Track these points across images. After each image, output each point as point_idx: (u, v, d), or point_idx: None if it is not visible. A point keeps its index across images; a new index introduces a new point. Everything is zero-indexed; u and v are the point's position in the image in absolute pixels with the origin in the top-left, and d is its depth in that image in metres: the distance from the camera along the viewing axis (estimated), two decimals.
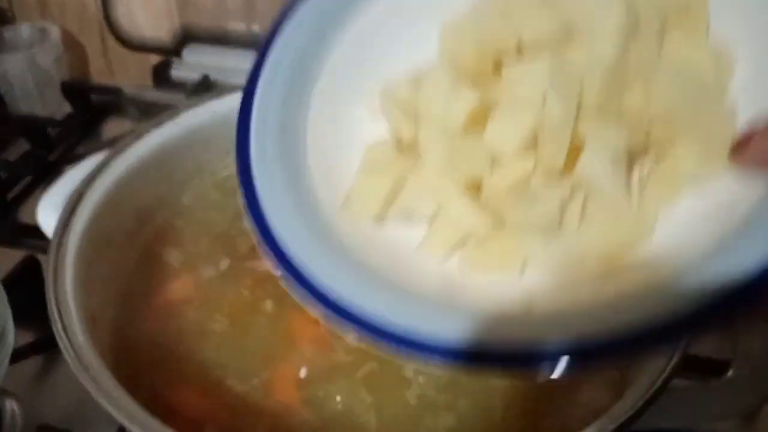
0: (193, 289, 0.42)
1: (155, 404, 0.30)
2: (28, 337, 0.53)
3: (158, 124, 0.44)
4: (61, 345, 0.30)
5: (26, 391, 0.53)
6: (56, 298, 0.33)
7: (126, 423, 0.27)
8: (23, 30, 0.90)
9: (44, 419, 0.47)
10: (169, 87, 0.81)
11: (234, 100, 0.47)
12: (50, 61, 0.88)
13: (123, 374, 0.32)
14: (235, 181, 0.48)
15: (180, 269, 0.43)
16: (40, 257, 0.58)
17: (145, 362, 0.37)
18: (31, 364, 0.54)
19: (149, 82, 0.86)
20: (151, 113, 0.72)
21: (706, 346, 0.43)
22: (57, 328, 0.31)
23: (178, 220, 0.45)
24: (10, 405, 0.52)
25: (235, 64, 0.80)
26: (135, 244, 0.43)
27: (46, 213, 0.41)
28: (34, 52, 0.86)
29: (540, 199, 0.28)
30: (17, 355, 0.48)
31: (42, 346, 0.52)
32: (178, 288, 0.42)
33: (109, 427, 0.47)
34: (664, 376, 0.30)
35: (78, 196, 0.38)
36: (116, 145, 0.42)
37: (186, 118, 0.46)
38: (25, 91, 0.88)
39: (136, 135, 0.43)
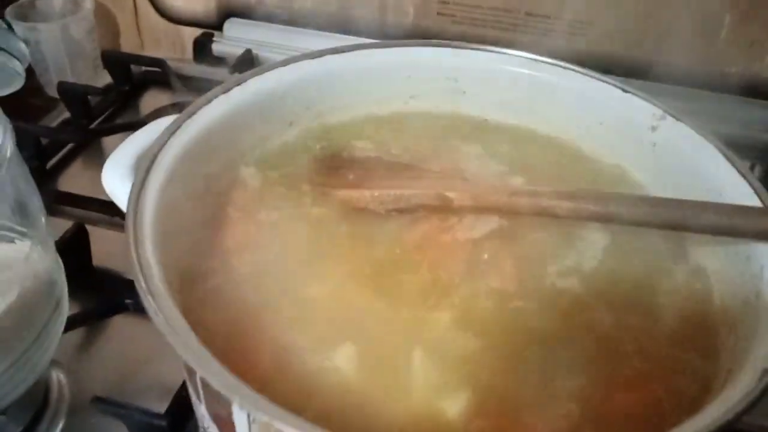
0: (257, 245, 0.41)
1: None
2: (74, 307, 0.52)
3: (226, 90, 0.43)
4: (150, 311, 0.29)
5: (73, 362, 0.52)
6: (140, 263, 0.31)
7: (224, 391, 0.26)
8: (56, 0, 0.88)
9: (91, 391, 0.46)
10: (210, 61, 0.80)
11: (301, 68, 0.46)
12: (83, 32, 0.87)
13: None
14: (297, 153, 0.48)
15: (243, 228, 0.42)
16: (89, 228, 0.57)
17: (212, 330, 0.36)
18: (77, 334, 0.53)
19: (181, 55, 0.85)
20: (192, 87, 0.71)
21: None
22: (144, 293, 0.30)
23: (242, 184, 0.44)
24: (57, 375, 0.51)
25: (275, 39, 0.79)
26: (201, 209, 0.42)
27: (113, 176, 0.40)
28: (67, 22, 0.85)
29: None
30: (67, 326, 0.47)
31: (94, 315, 0.51)
32: (242, 243, 0.41)
33: (158, 399, 0.46)
34: None
35: (152, 158, 0.37)
36: (186, 108, 0.41)
37: (252, 85, 0.45)
38: (57, 63, 0.87)
39: (206, 99, 0.42)
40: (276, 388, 0.34)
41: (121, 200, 0.40)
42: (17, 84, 0.46)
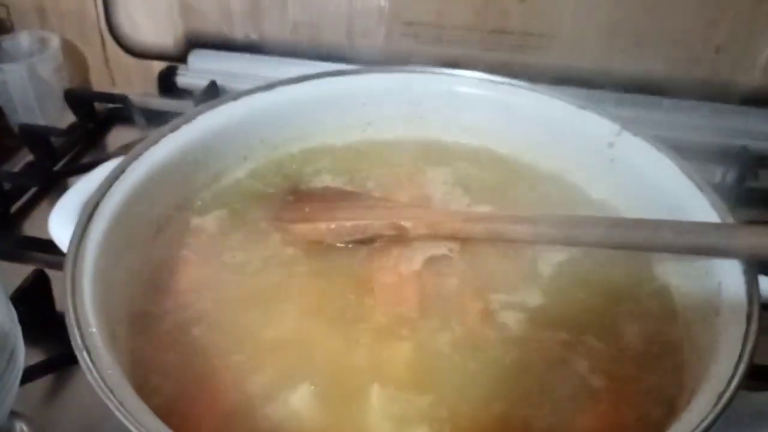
0: (211, 285, 0.40)
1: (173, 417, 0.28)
2: (37, 355, 0.51)
3: (174, 128, 0.43)
4: (83, 365, 0.28)
5: (37, 412, 0.50)
6: (75, 313, 0.30)
7: None
8: (23, 39, 0.88)
9: None
10: (175, 94, 0.79)
11: (252, 102, 0.46)
12: (51, 71, 0.86)
13: (142, 389, 0.30)
14: (252, 189, 0.48)
15: (194, 268, 0.41)
16: (48, 272, 0.56)
17: (162, 373, 0.35)
18: (41, 382, 0.52)
19: (152, 90, 0.84)
20: (157, 121, 0.70)
21: None
22: (78, 346, 0.29)
23: (195, 224, 0.43)
24: (20, 426, 0.49)
25: (241, 69, 0.78)
26: (151, 253, 0.41)
27: (59, 223, 0.39)
28: (34, 61, 0.84)
29: None
30: (28, 375, 0.46)
31: (54, 365, 0.50)
32: (195, 284, 0.40)
33: None
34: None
35: (94, 205, 0.36)
36: (132, 150, 0.40)
37: (202, 121, 0.44)
38: (25, 102, 0.86)
39: (152, 140, 0.41)
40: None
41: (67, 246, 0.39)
42: None
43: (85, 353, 0.29)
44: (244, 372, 0.35)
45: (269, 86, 0.47)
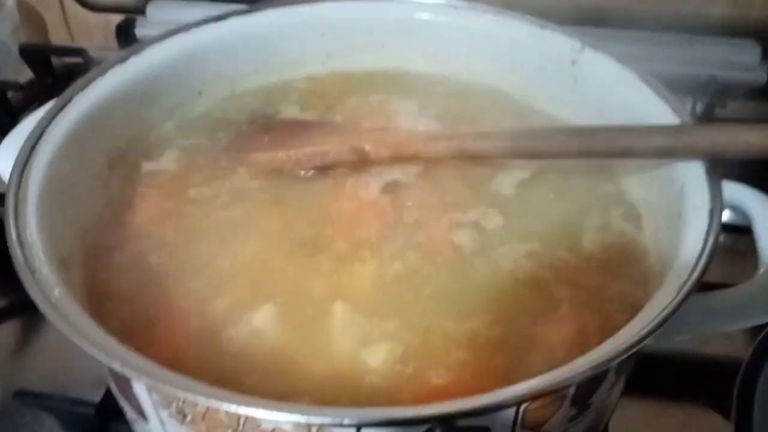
0: (167, 216, 0.39)
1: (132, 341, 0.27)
2: (2, 303, 0.50)
3: (122, 60, 0.41)
4: (29, 290, 0.27)
5: (2, 361, 0.49)
6: (18, 236, 0.29)
7: (118, 367, 0.24)
8: None
9: (24, 387, 0.44)
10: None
11: (203, 33, 0.44)
12: (7, 32, 0.83)
13: (97, 316, 0.29)
14: (209, 123, 0.46)
15: (151, 199, 0.40)
16: None
17: (119, 300, 0.34)
18: (9, 331, 0.51)
19: (112, 44, 0.82)
20: None
21: None
22: (23, 270, 0.28)
23: (150, 159, 0.42)
24: None
25: (201, 17, 0.76)
26: (106, 186, 0.40)
27: (5, 158, 0.38)
28: None
29: None
30: None
31: (15, 310, 0.49)
32: (152, 216, 0.39)
33: (92, 391, 0.44)
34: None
35: (38, 135, 0.35)
36: (78, 81, 0.39)
37: (151, 53, 0.43)
38: None
39: (100, 71, 0.40)
40: (194, 355, 0.32)
41: None
42: None
43: (27, 273, 0.28)
44: (205, 296, 0.35)
45: (221, 17, 0.45)
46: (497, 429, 0.27)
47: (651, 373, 0.37)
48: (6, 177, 0.38)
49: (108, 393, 0.44)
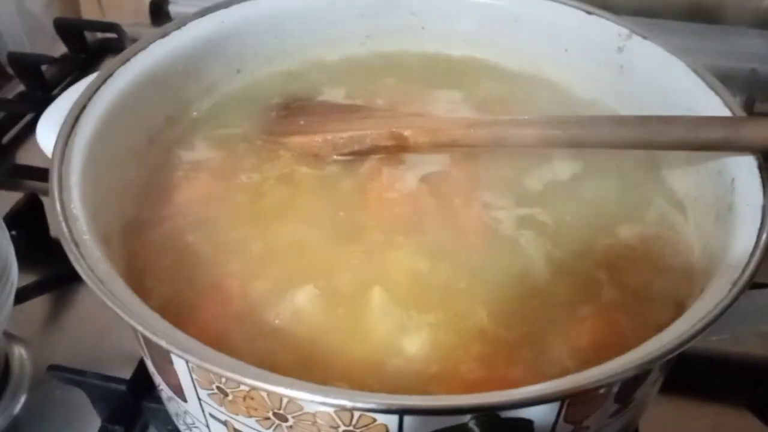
0: (207, 197, 0.39)
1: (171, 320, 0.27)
2: (31, 278, 0.50)
3: (163, 34, 0.41)
4: (74, 262, 0.27)
5: (35, 335, 0.50)
6: (63, 208, 0.29)
7: (164, 345, 0.24)
8: None
9: (54, 362, 0.44)
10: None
11: (244, 11, 0.44)
12: (40, 6, 0.83)
13: (137, 293, 0.29)
14: (246, 103, 0.46)
15: (191, 178, 0.40)
16: (43, 199, 0.55)
17: (158, 277, 0.34)
18: (39, 307, 0.51)
19: (144, 21, 0.82)
20: None
21: None
22: (67, 243, 0.28)
23: (189, 136, 0.42)
24: (18, 350, 0.49)
25: None
26: (144, 163, 0.39)
27: (47, 130, 0.38)
28: None
29: None
30: (22, 296, 0.45)
31: (48, 285, 0.49)
32: (192, 196, 0.39)
33: (122, 367, 0.44)
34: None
35: (81, 107, 0.35)
36: (120, 55, 0.38)
37: (192, 28, 0.42)
38: (14, 38, 0.84)
39: (141, 45, 0.40)
40: (232, 336, 0.32)
41: None
42: None
43: (72, 245, 0.28)
44: (246, 277, 0.34)
45: None
46: (540, 422, 0.26)
47: (683, 371, 0.37)
48: (46, 149, 0.38)
49: (138, 370, 0.44)
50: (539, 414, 0.26)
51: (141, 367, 0.44)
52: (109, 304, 0.26)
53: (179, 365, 0.28)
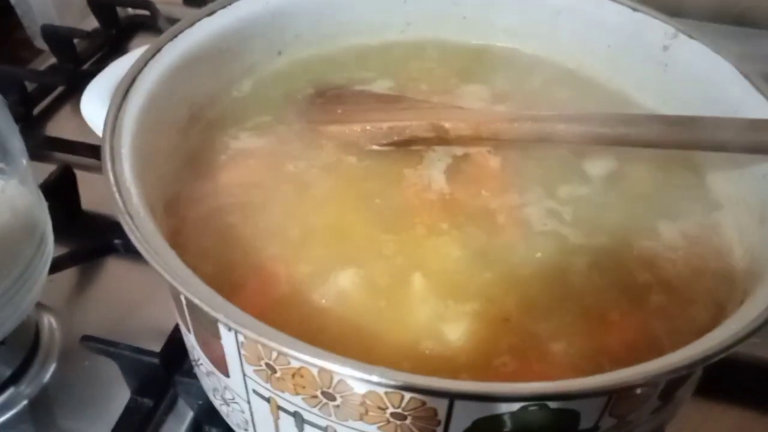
0: (247, 179, 0.39)
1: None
2: (62, 249, 0.50)
3: (210, 12, 0.41)
4: (129, 233, 0.27)
5: (64, 306, 0.50)
6: (116, 180, 0.29)
7: (223, 319, 0.24)
8: None
9: (83, 334, 0.45)
10: (200, 3, 0.76)
11: None
12: None
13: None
14: (285, 85, 0.46)
15: (233, 159, 0.40)
16: (77, 172, 0.55)
17: (199, 255, 0.34)
18: (67, 278, 0.52)
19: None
20: None
21: None
22: (122, 215, 0.28)
23: (230, 116, 0.42)
24: (48, 319, 0.49)
25: None
26: (186, 140, 0.40)
27: (92, 103, 0.38)
28: None
29: None
30: (55, 266, 0.46)
31: (81, 256, 0.50)
32: (232, 177, 0.39)
33: (151, 341, 0.44)
34: None
35: (131, 80, 0.35)
36: (168, 30, 0.38)
37: (238, 8, 0.42)
38: (43, 12, 0.84)
39: (188, 21, 0.40)
40: (275, 315, 0.32)
41: (100, 128, 0.38)
42: None
43: (127, 217, 0.28)
44: (289, 260, 0.34)
45: None
46: (586, 414, 0.27)
47: (711, 373, 0.37)
48: (91, 121, 0.38)
49: (168, 344, 0.45)
50: (587, 406, 0.26)
51: (170, 341, 0.45)
52: (167, 277, 0.26)
53: (228, 340, 0.28)
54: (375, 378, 0.23)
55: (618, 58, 0.45)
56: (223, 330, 0.28)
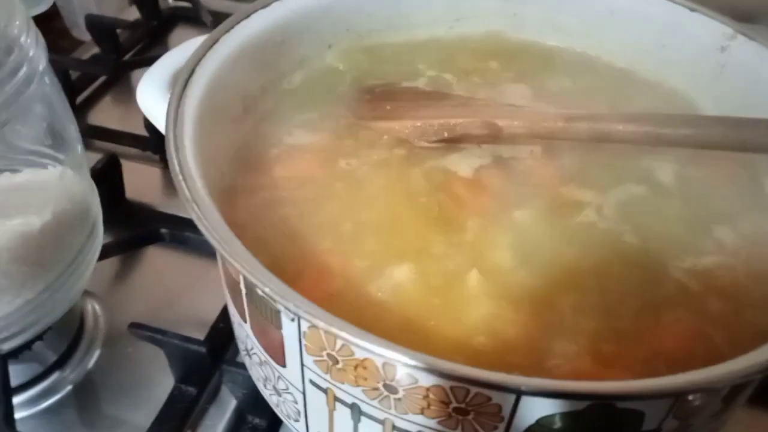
0: (299, 173, 0.39)
1: None
2: (108, 238, 0.51)
3: (265, 4, 0.41)
4: (198, 221, 0.27)
5: (108, 293, 0.51)
6: (182, 171, 0.30)
7: (293, 308, 0.25)
8: None
9: (127, 322, 0.45)
10: None
11: None
12: None
13: None
14: (335, 79, 0.46)
15: (286, 153, 0.40)
16: (122, 160, 0.56)
17: (255, 246, 0.34)
18: (111, 266, 0.52)
19: None
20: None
21: None
22: (190, 203, 0.28)
23: (282, 109, 0.42)
24: (93, 305, 0.50)
25: None
26: (240, 131, 0.40)
27: (147, 92, 0.38)
28: None
29: None
30: (103, 252, 0.46)
31: (129, 244, 0.50)
32: (284, 170, 0.39)
33: (195, 329, 0.45)
34: None
35: (190, 71, 0.35)
36: (224, 22, 0.39)
37: (293, 1, 0.42)
38: (83, 2, 0.85)
39: (244, 13, 0.40)
40: (332, 306, 0.32)
41: (157, 117, 0.38)
42: (46, 2, 0.44)
43: (194, 205, 0.28)
44: (344, 254, 0.34)
45: None
46: (651, 415, 0.26)
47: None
48: (148, 109, 0.38)
49: (212, 334, 0.45)
50: (653, 407, 0.26)
51: (214, 330, 0.45)
52: (236, 266, 0.26)
53: (289, 330, 0.28)
54: (444, 371, 0.23)
55: (673, 58, 0.44)
56: (285, 320, 0.28)
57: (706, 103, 0.43)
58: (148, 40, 0.74)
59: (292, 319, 0.27)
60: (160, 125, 0.34)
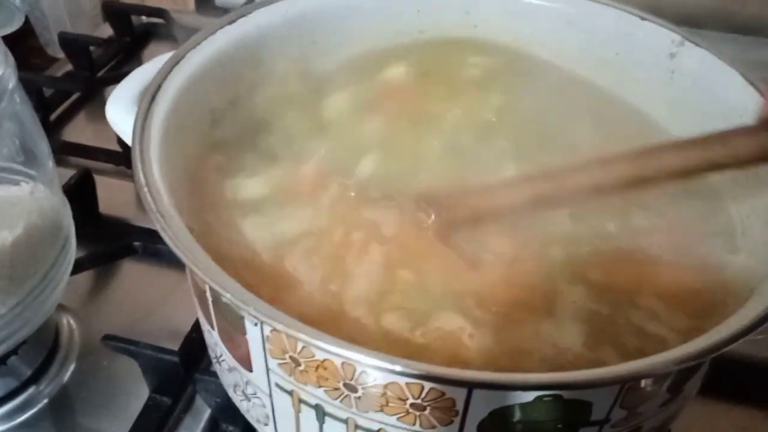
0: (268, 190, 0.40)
1: None
2: (82, 252, 0.51)
3: (231, 21, 0.42)
4: (162, 232, 0.28)
5: (82, 307, 0.51)
6: (147, 183, 0.30)
7: (252, 312, 0.26)
8: None
9: (101, 334, 0.46)
10: (213, 12, 0.78)
11: (307, 2, 0.45)
12: None
13: None
14: (304, 91, 0.47)
15: (253, 168, 0.41)
16: (96, 176, 0.56)
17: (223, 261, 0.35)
18: (85, 280, 0.53)
19: (183, 8, 0.83)
20: None
21: None
22: (154, 214, 0.29)
23: (251, 123, 0.43)
24: (67, 320, 0.50)
25: None
26: (209, 145, 0.41)
27: (116, 108, 0.39)
28: None
29: None
30: (76, 267, 0.47)
31: (101, 258, 0.51)
32: (252, 190, 0.40)
33: (169, 341, 0.45)
34: None
35: (157, 86, 0.36)
36: (191, 39, 0.40)
37: (258, 17, 0.43)
38: (56, 20, 0.86)
39: (210, 30, 0.41)
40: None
41: (125, 132, 0.39)
42: (17, 22, 0.45)
43: (159, 216, 0.29)
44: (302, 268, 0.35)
45: None
46: (598, 405, 0.28)
47: (714, 372, 0.38)
48: (117, 125, 0.39)
49: (185, 344, 0.46)
50: (599, 397, 0.27)
51: (187, 340, 0.46)
52: (199, 274, 0.27)
53: (253, 334, 0.29)
54: (398, 368, 0.25)
55: (626, 65, 0.46)
56: (249, 325, 0.29)
57: (661, 113, 0.45)
58: (122, 57, 0.75)
59: (255, 324, 0.28)
60: (129, 139, 0.35)
